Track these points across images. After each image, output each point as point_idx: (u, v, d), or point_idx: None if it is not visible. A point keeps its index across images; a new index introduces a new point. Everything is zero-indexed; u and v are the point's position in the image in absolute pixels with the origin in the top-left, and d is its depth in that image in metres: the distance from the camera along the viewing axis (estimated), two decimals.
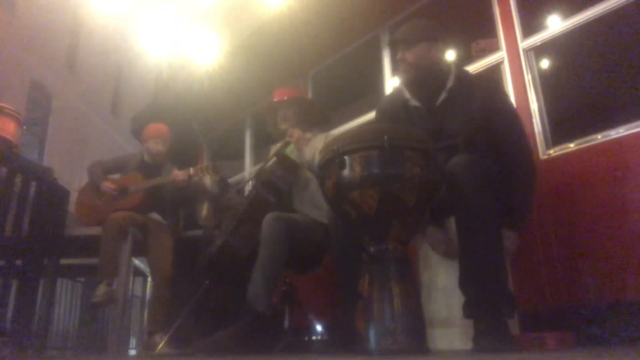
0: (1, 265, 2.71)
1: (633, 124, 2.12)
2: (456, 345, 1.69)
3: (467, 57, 3.15)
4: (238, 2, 3.96)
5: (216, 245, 2.37)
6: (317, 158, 2.18)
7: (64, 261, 3.14)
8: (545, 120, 2.47)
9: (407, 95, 1.95)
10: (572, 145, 2.32)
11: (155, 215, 3.24)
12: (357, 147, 1.49)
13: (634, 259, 1.96)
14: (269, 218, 2.18)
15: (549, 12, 2.77)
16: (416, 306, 1.47)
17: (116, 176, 3.35)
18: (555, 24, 2.55)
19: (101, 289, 2.76)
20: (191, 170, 3.04)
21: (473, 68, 2.80)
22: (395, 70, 3.19)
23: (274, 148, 2.69)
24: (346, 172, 1.49)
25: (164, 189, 3.14)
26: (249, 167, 4.24)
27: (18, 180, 2.76)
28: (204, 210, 2.98)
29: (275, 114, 2.66)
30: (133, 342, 6.02)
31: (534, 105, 2.50)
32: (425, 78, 1.89)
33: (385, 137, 1.45)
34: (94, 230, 3.02)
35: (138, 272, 4.26)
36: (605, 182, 2.13)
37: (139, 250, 3.13)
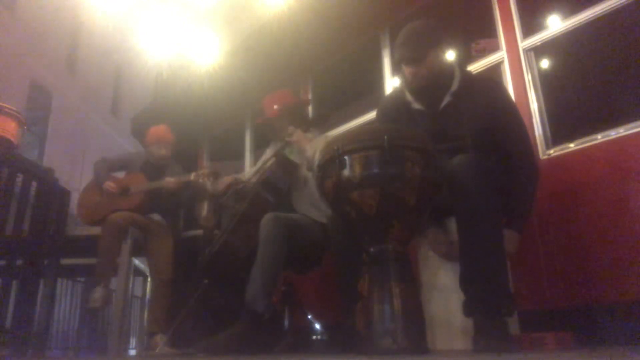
0: (1, 265, 2.71)
1: (633, 124, 2.12)
2: (456, 345, 1.70)
3: (467, 57, 3.15)
4: (238, 2, 3.96)
5: (216, 245, 2.37)
6: (318, 158, 2.19)
7: (64, 261, 3.14)
8: (545, 120, 2.47)
9: (409, 97, 1.94)
10: (572, 145, 2.32)
11: (156, 216, 3.24)
12: (357, 147, 1.49)
13: (634, 259, 1.96)
14: (267, 218, 2.18)
15: (549, 12, 2.77)
16: (416, 306, 1.47)
17: (121, 174, 3.35)
18: (555, 24, 2.55)
19: (98, 292, 2.76)
20: (192, 175, 3.04)
21: (473, 68, 2.80)
22: (396, 73, 3.19)
23: (272, 148, 2.69)
24: (346, 172, 1.49)
25: (163, 191, 3.15)
26: (249, 167, 4.24)
27: (19, 180, 2.76)
28: (204, 210, 2.98)
29: (274, 126, 2.64)
30: (133, 342, 6.01)
31: (534, 105, 2.50)
32: (433, 83, 1.87)
33: (385, 137, 1.45)
34: (94, 230, 3.02)
35: (138, 272, 4.26)
36: (605, 182, 2.13)
37: (139, 250, 3.13)
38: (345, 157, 1.49)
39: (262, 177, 2.42)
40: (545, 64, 2.96)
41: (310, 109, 3.66)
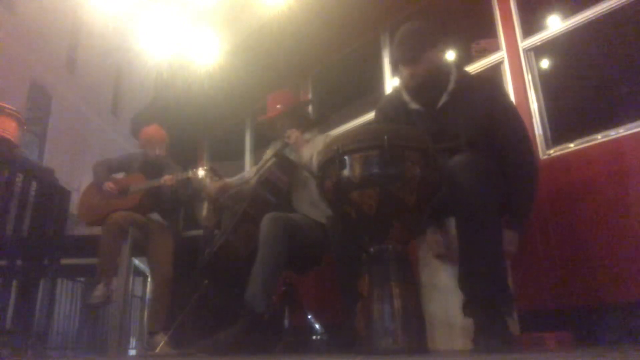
0: (1, 265, 2.71)
1: (633, 124, 2.12)
2: (456, 345, 1.69)
3: (467, 57, 3.15)
4: (238, 2, 3.95)
5: (217, 245, 2.38)
6: (315, 159, 2.19)
7: (64, 261, 3.15)
8: (545, 120, 2.47)
9: (406, 97, 1.94)
10: (572, 145, 2.32)
11: (156, 216, 3.24)
12: (357, 147, 1.49)
13: (634, 259, 1.96)
14: (267, 218, 2.18)
15: (549, 12, 2.77)
16: (416, 306, 1.48)
17: (120, 175, 3.36)
18: (555, 24, 2.55)
19: (99, 290, 2.77)
20: (190, 172, 3.05)
21: (473, 68, 2.80)
22: (395, 73, 3.19)
23: (272, 148, 2.69)
24: (346, 172, 1.49)
25: (162, 190, 3.16)
26: (249, 168, 4.24)
27: (19, 180, 2.76)
28: (204, 210, 2.99)
29: (275, 126, 2.65)
30: (133, 342, 6.01)
31: (534, 105, 2.50)
32: (430, 83, 1.87)
33: (385, 137, 1.45)
34: (94, 230, 3.03)
35: (138, 272, 4.27)
36: (605, 182, 2.13)
37: (139, 250, 3.13)
38: (345, 157, 1.50)
39: (262, 177, 2.42)
40: (545, 64, 2.96)
41: (310, 109, 3.66)
